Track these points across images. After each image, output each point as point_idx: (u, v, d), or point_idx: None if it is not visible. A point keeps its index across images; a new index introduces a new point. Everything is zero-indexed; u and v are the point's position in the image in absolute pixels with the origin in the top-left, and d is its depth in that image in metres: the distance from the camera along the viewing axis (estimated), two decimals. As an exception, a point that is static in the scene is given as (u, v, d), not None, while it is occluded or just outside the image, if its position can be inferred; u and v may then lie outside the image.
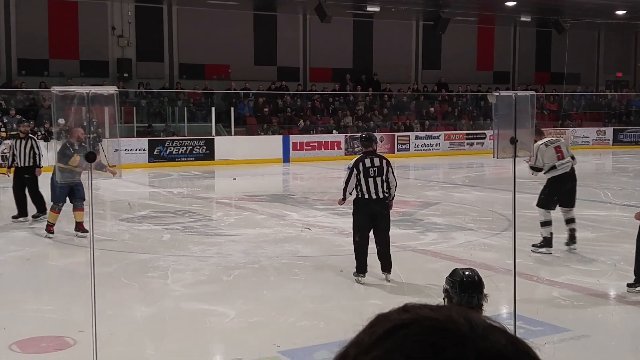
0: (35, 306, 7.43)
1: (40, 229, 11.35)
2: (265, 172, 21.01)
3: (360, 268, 8.21)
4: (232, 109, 24.80)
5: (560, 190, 9.65)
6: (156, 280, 8.44)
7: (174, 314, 7.18)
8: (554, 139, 10.26)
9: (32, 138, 12.64)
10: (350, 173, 8.12)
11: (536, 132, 9.25)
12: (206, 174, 20.79)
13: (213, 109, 24.64)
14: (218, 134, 24.19)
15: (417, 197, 15.18)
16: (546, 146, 9.59)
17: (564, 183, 9.64)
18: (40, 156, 12.46)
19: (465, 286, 4.21)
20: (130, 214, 13.39)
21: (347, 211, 9.00)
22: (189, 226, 12.05)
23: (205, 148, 23.14)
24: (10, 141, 15.31)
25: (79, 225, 10.93)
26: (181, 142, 22.95)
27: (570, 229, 9.75)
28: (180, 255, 9.71)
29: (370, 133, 9.23)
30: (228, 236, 11.15)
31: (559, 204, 9.73)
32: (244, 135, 24.92)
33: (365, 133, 9.13)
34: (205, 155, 23.02)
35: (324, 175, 20.81)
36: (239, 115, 25.46)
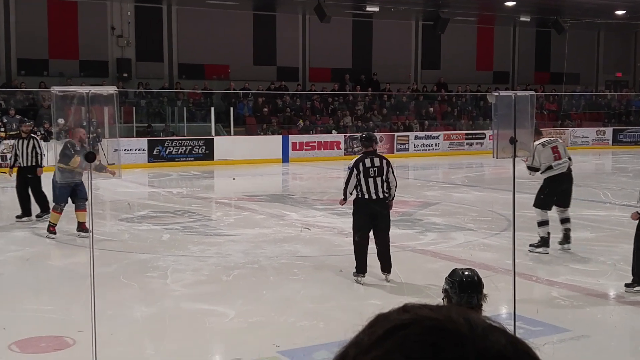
0: (35, 306, 7.43)
1: (41, 228, 11.34)
2: (264, 172, 21.00)
3: (360, 268, 8.20)
4: (232, 109, 24.78)
5: (557, 190, 9.70)
6: (156, 280, 8.45)
7: (173, 314, 7.19)
8: (551, 139, 10.30)
9: (34, 137, 12.62)
10: (350, 173, 8.11)
11: (534, 132, 9.27)
12: (205, 174, 20.77)
13: (212, 109, 24.62)
14: (217, 134, 24.17)
15: (417, 197, 15.18)
16: (543, 146, 9.62)
17: (561, 183, 9.69)
18: (42, 156, 12.47)
19: (465, 286, 4.22)
20: (130, 214, 13.39)
21: (347, 211, 9.00)
22: (189, 226, 12.05)
23: (204, 148, 23.12)
24: (9, 141, 15.30)
25: (81, 226, 10.92)
26: (180, 142, 22.93)
27: (565, 229, 9.81)
28: (180, 255, 9.71)
29: (371, 133, 9.21)
30: (227, 236, 11.14)
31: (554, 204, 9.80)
32: (244, 135, 24.91)
33: (365, 133, 9.12)
34: (204, 155, 23.00)
35: (324, 175, 20.80)
36: (239, 115, 25.45)
